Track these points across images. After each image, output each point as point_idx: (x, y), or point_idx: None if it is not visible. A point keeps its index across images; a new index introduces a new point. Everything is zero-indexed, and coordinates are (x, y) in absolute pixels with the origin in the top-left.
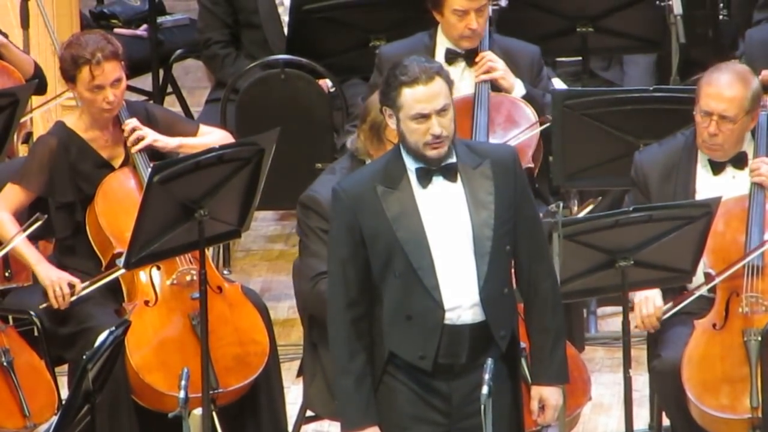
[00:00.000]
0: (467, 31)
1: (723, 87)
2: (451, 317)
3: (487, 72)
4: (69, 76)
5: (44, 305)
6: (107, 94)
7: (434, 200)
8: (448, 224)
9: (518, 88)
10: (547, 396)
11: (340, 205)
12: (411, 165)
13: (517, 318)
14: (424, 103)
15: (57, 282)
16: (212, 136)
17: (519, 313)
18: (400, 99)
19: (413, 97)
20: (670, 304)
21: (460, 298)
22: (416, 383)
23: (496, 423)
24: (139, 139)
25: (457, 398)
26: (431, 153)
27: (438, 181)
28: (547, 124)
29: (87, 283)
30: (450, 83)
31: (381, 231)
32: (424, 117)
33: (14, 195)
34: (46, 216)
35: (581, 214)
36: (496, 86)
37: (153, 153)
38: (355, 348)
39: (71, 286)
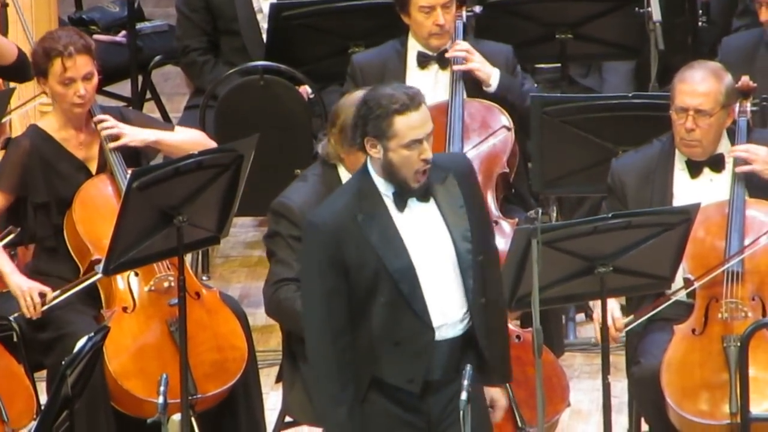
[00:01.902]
0: (435, 28)
1: (697, 82)
2: (438, 336)
3: (464, 62)
4: (41, 70)
5: (17, 314)
6: (78, 87)
7: (413, 223)
8: (430, 245)
9: (495, 77)
10: (498, 397)
11: (320, 237)
12: (385, 190)
13: None
14: (419, 129)
15: (27, 291)
16: (188, 133)
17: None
18: (393, 128)
19: (408, 124)
20: (632, 317)
21: (447, 316)
22: (397, 406)
23: (477, 428)
24: (113, 136)
25: (436, 412)
26: (416, 184)
27: (413, 204)
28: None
29: (58, 291)
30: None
31: (366, 260)
32: (417, 143)
33: None
34: (19, 229)
35: None
36: (473, 81)
37: (129, 156)
38: (346, 378)
39: (42, 295)
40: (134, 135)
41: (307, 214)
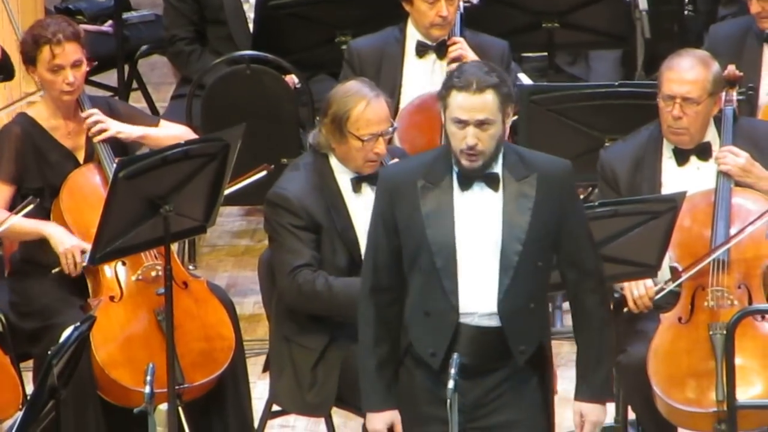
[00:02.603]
0: (438, 19)
1: (684, 70)
2: (466, 322)
3: (458, 60)
4: (29, 57)
5: (56, 270)
6: (67, 74)
7: (471, 205)
8: (478, 231)
9: None
10: (587, 412)
11: (379, 191)
12: (455, 165)
13: (547, 331)
14: (464, 111)
15: (70, 249)
16: (174, 129)
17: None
18: (447, 99)
19: (457, 102)
20: (660, 285)
21: (477, 305)
22: (430, 378)
23: (524, 420)
24: (101, 131)
25: (470, 399)
26: (465, 162)
27: (479, 187)
28: (514, 117)
29: None
30: (507, 100)
31: (412, 225)
32: (462, 123)
33: None
34: (38, 200)
35: None
36: None
37: (116, 146)
38: (380, 334)
39: (84, 252)
40: (121, 128)
41: (302, 200)
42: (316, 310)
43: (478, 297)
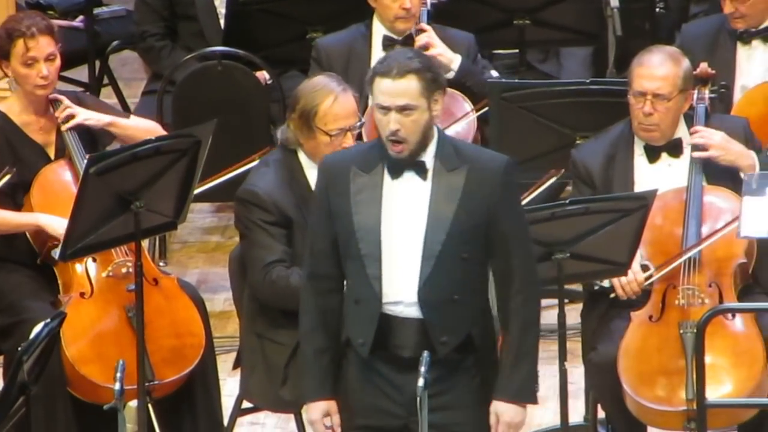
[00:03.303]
0: (401, 12)
1: (654, 66)
2: (393, 310)
3: (425, 48)
4: (3, 52)
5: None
6: (41, 68)
7: (399, 193)
8: (404, 220)
9: (456, 62)
10: (501, 411)
11: (319, 176)
12: (387, 154)
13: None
14: (386, 97)
15: None
16: (144, 121)
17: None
18: (371, 86)
19: (379, 87)
20: (651, 271)
21: (401, 294)
22: (368, 370)
23: (455, 421)
24: (69, 116)
25: (410, 391)
26: (390, 151)
27: (408, 176)
28: (485, 109)
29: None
30: (433, 86)
31: (342, 211)
32: (385, 109)
33: None
34: (14, 169)
35: (544, 186)
36: None
37: (87, 141)
38: (317, 322)
39: None
40: (89, 115)
41: (272, 196)
42: (291, 305)
43: (402, 285)
